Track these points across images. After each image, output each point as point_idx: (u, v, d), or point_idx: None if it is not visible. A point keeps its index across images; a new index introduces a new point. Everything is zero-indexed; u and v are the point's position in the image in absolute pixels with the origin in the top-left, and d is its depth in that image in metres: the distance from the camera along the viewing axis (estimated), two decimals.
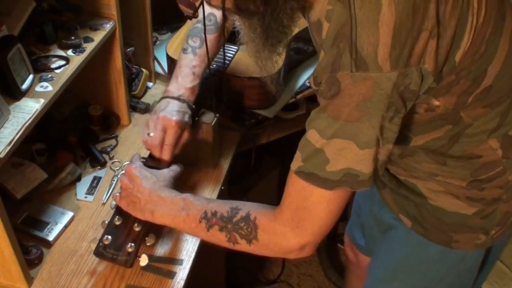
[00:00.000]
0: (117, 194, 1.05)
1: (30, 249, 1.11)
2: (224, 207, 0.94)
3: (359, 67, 0.73)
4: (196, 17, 0.87)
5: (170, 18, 1.78)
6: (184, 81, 1.18)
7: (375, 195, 1.19)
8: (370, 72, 0.73)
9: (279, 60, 1.43)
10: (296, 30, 1.48)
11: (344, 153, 0.79)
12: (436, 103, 0.83)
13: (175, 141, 1.13)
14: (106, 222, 1.06)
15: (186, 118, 1.15)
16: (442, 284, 1.10)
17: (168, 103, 1.15)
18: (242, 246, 0.92)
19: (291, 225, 0.86)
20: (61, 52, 1.15)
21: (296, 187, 0.85)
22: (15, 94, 1.03)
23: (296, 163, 0.84)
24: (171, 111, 1.13)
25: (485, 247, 1.05)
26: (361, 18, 0.72)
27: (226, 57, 1.42)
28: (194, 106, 1.18)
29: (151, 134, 1.12)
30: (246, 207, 0.92)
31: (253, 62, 1.00)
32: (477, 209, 0.97)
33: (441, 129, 0.88)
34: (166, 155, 1.12)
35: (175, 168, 1.10)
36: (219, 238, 0.94)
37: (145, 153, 1.16)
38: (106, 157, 1.35)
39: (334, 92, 0.76)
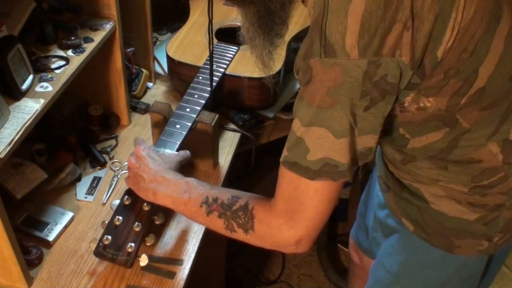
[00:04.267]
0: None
1: (30, 249, 1.11)
2: (226, 194, 0.94)
3: (328, 54, 0.74)
4: None
5: (170, 18, 1.78)
6: None
7: (380, 198, 1.19)
8: (338, 58, 0.74)
9: (280, 58, 1.44)
10: (296, 30, 1.50)
11: (322, 141, 0.79)
12: (428, 104, 0.83)
13: None
14: (106, 222, 1.05)
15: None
16: None
17: None
18: (239, 235, 0.92)
19: (285, 217, 0.86)
20: (61, 52, 1.15)
21: (285, 178, 0.85)
22: (15, 94, 1.03)
23: (283, 153, 0.84)
24: None
25: (488, 254, 1.04)
26: (332, 7, 0.74)
27: (226, 57, 1.42)
28: None
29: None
30: (246, 197, 0.93)
31: (253, 62, 1.01)
32: (479, 215, 0.97)
33: (439, 131, 0.88)
34: None
35: (183, 154, 1.11)
36: (217, 224, 0.94)
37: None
38: (106, 157, 1.35)
39: (308, 78, 0.77)
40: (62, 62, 1.13)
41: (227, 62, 1.40)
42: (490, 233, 0.99)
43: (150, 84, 1.59)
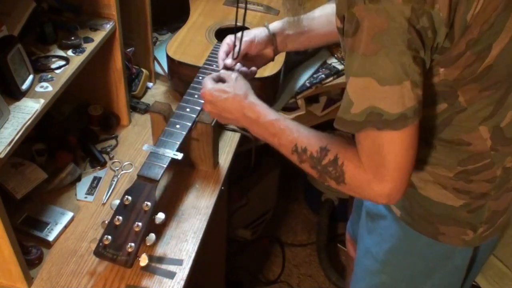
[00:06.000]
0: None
1: (30, 249, 1.11)
2: (314, 144, 0.93)
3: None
4: None
5: (170, 18, 1.79)
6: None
7: None
8: (382, 3, 0.75)
9: (280, 58, 1.43)
10: None
11: (366, 91, 0.80)
12: (438, 74, 0.84)
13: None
14: (106, 222, 1.06)
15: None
16: (430, 281, 1.10)
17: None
18: (333, 184, 0.92)
19: (372, 172, 0.86)
20: (61, 52, 1.15)
21: (360, 134, 0.85)
22: (15, 94, 1.03)
23: None
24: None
25: (473, 246, 1.05)
26: None
27: None
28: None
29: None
30: (334, 149, 0.91)
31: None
32: (464, 201, 0.98)
33: (437, 106, 0.89)
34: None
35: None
36: (311, 172, 0.95)
37: (144, 156, 1.16)
38: (106, 157, 1.35)
39: (354, 28, 0.78)
40: (62, 62, 1.13)
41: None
42: (474, 223, 1.00)
43: (150, 84, 1.59)
